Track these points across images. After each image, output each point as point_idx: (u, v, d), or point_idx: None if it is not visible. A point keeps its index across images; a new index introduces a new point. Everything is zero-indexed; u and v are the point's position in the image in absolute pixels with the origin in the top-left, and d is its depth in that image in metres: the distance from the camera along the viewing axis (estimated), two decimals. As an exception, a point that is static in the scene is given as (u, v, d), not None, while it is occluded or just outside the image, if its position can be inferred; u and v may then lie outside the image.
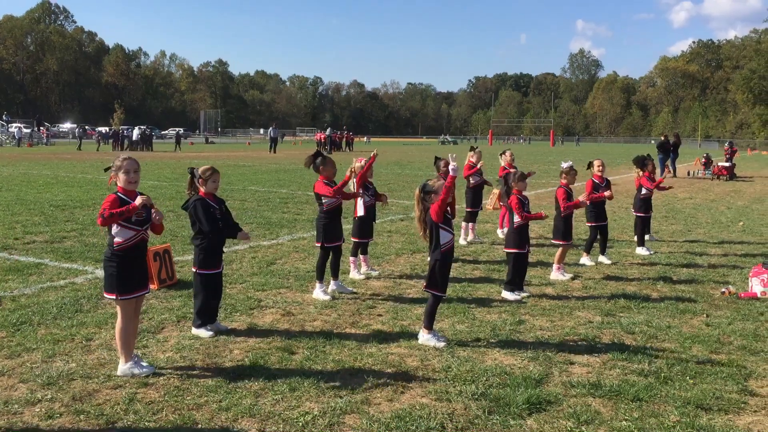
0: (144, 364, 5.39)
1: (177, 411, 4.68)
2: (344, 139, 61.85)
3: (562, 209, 9.02)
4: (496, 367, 5.60)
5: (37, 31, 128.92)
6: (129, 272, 5.28)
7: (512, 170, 8.75)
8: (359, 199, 8.53)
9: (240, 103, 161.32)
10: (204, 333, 6.28)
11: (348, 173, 8.42)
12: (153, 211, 5.37)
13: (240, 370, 5.45)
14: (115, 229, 5.22)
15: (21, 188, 19.07)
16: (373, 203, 8.77)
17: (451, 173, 6.03)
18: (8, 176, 23.34)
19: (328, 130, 61.02)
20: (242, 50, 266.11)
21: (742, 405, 4.96)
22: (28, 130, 64.69)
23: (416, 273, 9.11)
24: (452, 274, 8.90)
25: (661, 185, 11.66)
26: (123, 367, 5.31)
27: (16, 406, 4.70)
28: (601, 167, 10.20)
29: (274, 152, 49.19)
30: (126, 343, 5.33)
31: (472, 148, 12.03)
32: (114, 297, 5.30)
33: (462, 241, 11.43)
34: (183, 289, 7.85)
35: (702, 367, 5.71)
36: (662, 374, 5.49)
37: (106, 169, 5.49)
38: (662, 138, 31.56)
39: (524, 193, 8.16)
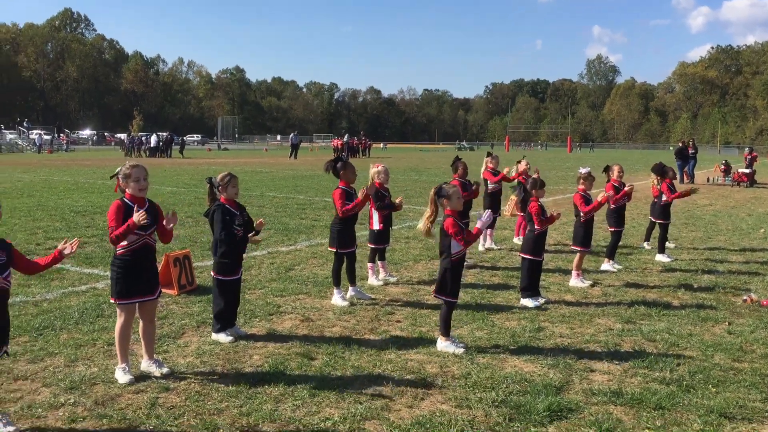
0: (130, 374, 5.33)
1: (198, 416, 4.71)
2: (362, 146, 61.90)
3: (582, 213, 8.96)
4: (516, 374, 5.58)
5: (57, 38, 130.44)
6: (130, 277, 5.31)
7: (532, 177, 8.73)
8: (375, 212, 8.45)
9: (257, 109, 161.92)
10: (224, 338, 6.31)
11: (360, 195, 7.77)
12: (169, 216, 5.51)
13: (260, 375, 5.47)
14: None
15: (42, 194, 19.29)
16: (388, 213, 8.64)
17: (478, 225, 6.17)
18: (29, 182, 23.62)
19: (346, 136, 60.94)
20: (259, 57, 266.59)
21: (766, 414, 4.90)
22: (49, 137, 65.43)
23: (434, 279, 9.05)
24: (471, 280, 8.94)
25: (682, 194, 11.32)
26: (118, 367, 5.38)
27: (40, 410, 4.75)
28: (620, 173, 10.13)
29: (295, 158, 49.43)
30: (122, 345, 5.37)
31: (489, 153, 12.02)
32: (113, 300, 5.40)
33: (480, 248, 11.41)
34: (203, 295, 7.90)
35: (725, 375, 5.65)
36: (684, 382, 5.44)
37: (112, 177, 5.50)
38: (680, 144, 31.35)
39: (542, 200, 8.15)
